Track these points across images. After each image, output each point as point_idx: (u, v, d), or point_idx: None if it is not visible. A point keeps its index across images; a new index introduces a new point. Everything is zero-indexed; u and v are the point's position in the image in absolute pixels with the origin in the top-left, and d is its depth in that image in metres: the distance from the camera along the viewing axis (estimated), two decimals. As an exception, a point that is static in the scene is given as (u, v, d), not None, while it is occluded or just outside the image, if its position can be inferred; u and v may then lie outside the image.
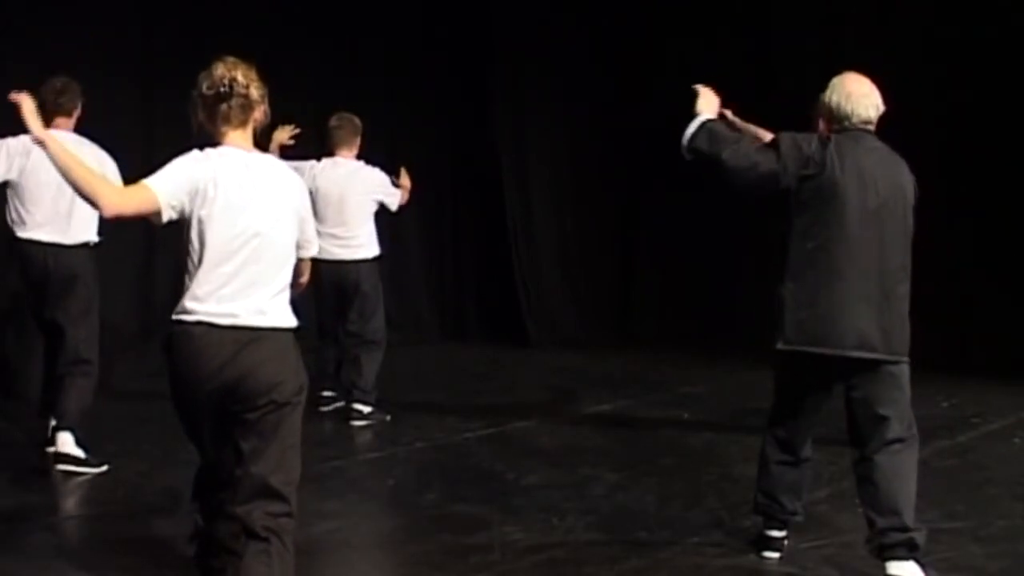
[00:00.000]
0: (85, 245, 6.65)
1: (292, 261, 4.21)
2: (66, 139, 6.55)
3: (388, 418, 8.03)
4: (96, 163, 6.19)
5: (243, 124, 4.22)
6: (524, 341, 11.62)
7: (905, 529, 4.68)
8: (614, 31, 11.72)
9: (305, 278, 4.43)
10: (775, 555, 5.09)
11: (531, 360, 10.89)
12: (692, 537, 5.37)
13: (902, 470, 4.75)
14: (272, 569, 4.05)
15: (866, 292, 4.71)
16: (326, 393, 8.25)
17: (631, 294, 12.15)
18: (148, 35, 9.51)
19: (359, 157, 8.17)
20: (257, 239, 4.09)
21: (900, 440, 4.75)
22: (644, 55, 11.57)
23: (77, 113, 6.76)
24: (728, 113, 5.36)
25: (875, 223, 4.74)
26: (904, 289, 4.81)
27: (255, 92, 4.20)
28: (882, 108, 4.87)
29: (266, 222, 4.11)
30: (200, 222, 4.05)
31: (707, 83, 5.08)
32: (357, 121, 8.20)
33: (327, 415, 8.09)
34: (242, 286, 4.07)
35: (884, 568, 4.70)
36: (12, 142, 6.36)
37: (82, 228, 6.59)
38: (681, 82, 5.22)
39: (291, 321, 4.17)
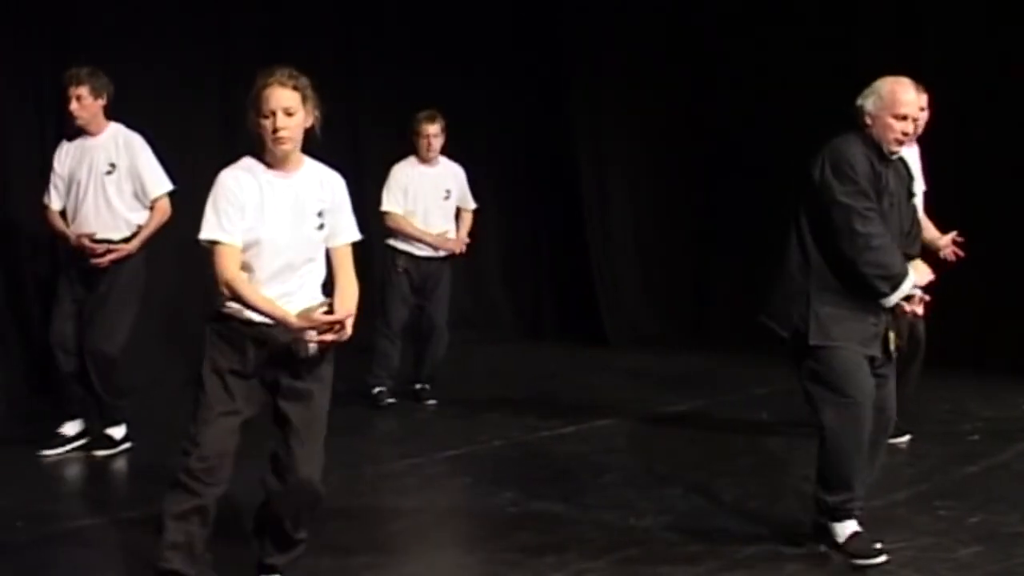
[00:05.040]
0: None
1: None
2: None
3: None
4: None
5: None
6: (602, 339, 11.60)
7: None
8: (690, 28, 11.66)
9: None
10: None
11: (608, 358, 10.87)
12: (770, 538, 5.34)
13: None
14: None
15: None
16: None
17: (709, 292, 12.07)
18: (226, 34, 9.65)
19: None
20: None
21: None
22: (720, 51, 11.48)
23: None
24: None
25: None
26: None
27: None
28: (865, 104, 5.09)
29: None
30: None
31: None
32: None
33: (400, 411, 8.25)
34: None
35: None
36: None
37: None
38: (757, 78, 5.19)
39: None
